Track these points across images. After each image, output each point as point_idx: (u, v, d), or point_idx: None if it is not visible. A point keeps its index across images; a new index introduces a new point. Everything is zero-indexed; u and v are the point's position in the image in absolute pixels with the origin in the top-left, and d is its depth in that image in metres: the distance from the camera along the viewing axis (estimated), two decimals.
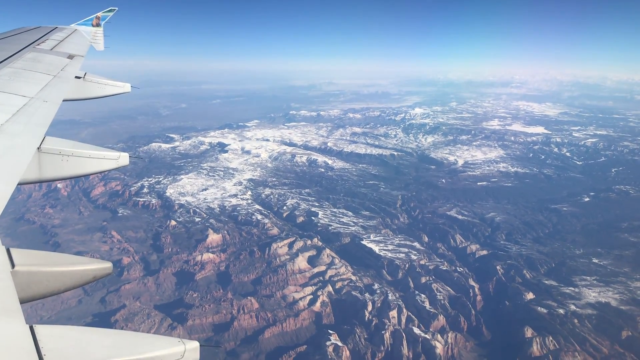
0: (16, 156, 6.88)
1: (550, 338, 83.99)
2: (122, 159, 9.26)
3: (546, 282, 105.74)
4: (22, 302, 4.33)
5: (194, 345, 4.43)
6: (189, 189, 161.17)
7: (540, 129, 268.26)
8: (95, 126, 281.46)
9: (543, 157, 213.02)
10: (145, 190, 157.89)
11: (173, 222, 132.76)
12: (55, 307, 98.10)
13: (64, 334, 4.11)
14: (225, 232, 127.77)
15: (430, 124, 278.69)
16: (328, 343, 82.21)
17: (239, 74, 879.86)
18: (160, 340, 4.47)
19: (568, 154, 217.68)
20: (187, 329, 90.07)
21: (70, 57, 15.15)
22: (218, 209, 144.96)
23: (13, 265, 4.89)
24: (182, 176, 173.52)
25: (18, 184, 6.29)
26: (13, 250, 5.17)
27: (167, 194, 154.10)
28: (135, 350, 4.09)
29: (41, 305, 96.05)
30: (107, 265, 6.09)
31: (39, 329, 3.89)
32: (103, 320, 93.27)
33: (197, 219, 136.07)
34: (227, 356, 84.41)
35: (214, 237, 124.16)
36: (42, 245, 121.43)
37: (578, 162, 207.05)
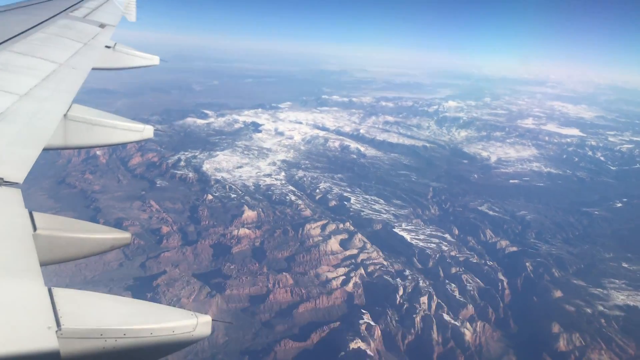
0: (43, 121, 6.91)
1: (577, 335, 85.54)
2: (147, 131, 9.36)
3: (575, 281, 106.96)
4: (42, 264, 4.46)
5: (207, 319, 4.59)
6: (225, 165, 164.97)
7: (575, 131, 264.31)
8: (129, 97, 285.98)
9: (577, 159, 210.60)
10: (182, 163, 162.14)
11: (210, 197, 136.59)
12: (97, 268, 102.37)
13: (81, 298, 4.23)
14: (260, 209, 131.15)
15: (464, 118, 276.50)
16: (361, 321, 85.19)
17: (271, 54, 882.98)
18: (174, 312, 4.65)
19: (602, 158, 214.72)
20: (225, 298, 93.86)
21: (102, 26, 15.04)
22: (253, 187, 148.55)
23: (35, 229, 4.99)
24: (217, 152, 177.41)
25: (43, 149, 6.35)
26: (35, 214, 5.26)
27: (204, 168, 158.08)
28: (149, 319, 4.25)
29: (84, 266, 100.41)
30: (125, 236, 6.27)
31: (57, 291, 4.00)
32: (144, 284, 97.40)
33: (233, 195, 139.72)
34: (263, 327, 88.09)
35: (249, 214, 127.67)
36: (84, 209, 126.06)
37: (612, 167, 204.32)
